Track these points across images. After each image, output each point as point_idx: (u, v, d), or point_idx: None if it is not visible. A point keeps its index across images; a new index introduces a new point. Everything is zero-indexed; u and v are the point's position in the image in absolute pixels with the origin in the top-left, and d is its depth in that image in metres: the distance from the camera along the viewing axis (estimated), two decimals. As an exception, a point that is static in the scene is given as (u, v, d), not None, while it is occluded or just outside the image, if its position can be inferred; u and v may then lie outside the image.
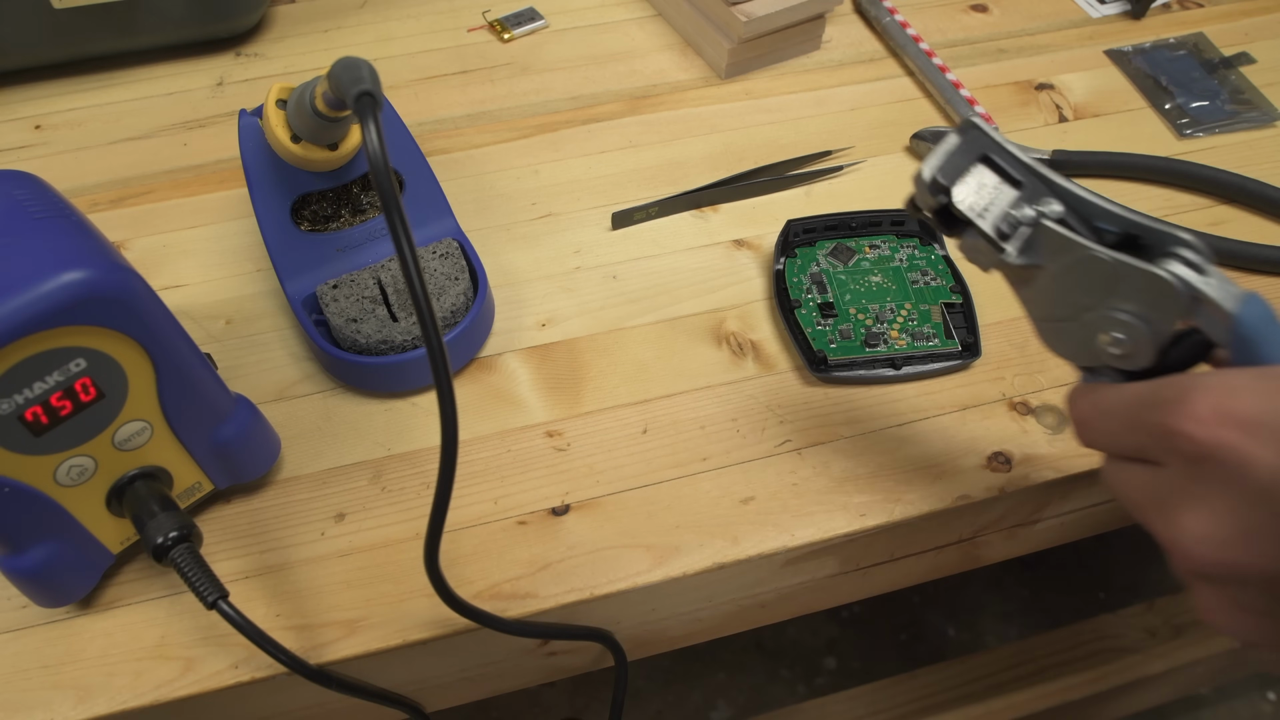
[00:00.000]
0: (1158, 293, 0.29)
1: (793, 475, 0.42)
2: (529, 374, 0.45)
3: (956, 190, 0.32)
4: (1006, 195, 0.32)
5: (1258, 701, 1.10)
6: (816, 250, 0.49)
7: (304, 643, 0.37)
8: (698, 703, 1.07)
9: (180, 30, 0.60)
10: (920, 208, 0.33)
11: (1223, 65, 0.61)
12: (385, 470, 0.42)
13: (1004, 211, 0.32)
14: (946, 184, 0.32)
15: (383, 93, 0.30)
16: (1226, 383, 0.26)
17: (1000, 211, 0.32)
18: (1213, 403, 0.26)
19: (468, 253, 0.46)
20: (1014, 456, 0.42)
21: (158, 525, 0.34)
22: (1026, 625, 1.14)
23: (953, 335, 0.45)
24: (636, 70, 0.61)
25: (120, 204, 0.53)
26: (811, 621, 1.13)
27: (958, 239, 0.33)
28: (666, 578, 0.39)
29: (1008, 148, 0.32)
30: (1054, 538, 0.47)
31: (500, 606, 0.38)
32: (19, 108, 0.58)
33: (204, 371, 0.36)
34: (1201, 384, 0.26)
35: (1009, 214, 0.32)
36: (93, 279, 0.30)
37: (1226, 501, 0.26)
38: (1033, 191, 0.32)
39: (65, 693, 0.36)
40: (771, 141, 0.56)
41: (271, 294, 0.48)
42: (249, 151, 0.42)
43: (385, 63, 0.61)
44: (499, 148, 0.56)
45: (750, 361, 0.46)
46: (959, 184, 0.32)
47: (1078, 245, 0.31)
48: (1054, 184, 0.32)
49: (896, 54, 0.62)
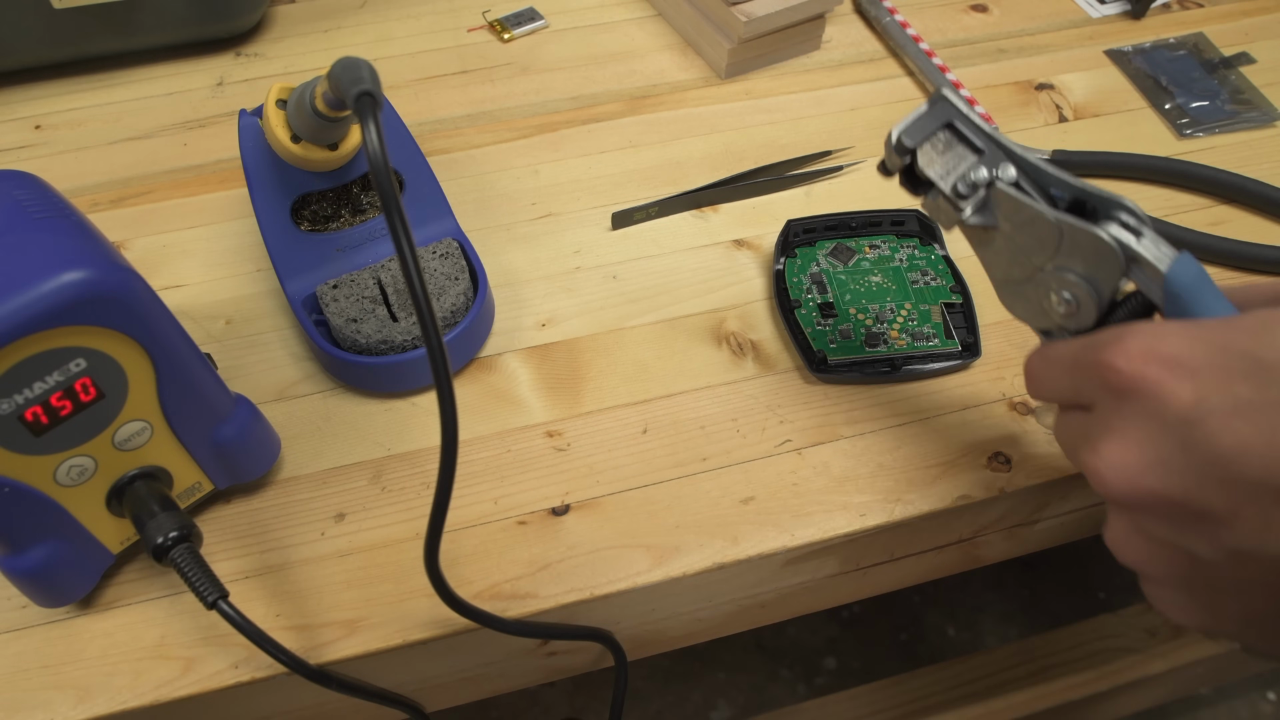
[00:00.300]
0: (1097, 252, 0.32)
1: (793, 475, 0.42)
2: (529, 374, 0.45)
3: (921, 153, 0.35)
4: (967, 160, 0.35)
5: (1258, 701, 1.10)
6: (816, 250, 0.49)
7: (304, 643, 0.37)
8: (698, 703, 1.08)
9: (180, 30, 0.60)
10: (890, 169, 0.36)
11: (1223, 65, 0.61)
12: (385, 470, 0.42)
13: (962, 174, 0.35)
14: (911, 146, 0.35)
15: (383, 93, 0.30)
16: (1157, 329, 0.29)
17: (959, 174, 0.35)
18: (1142, 343, 0.28)
19: (468, 253, 0.46)
20: (1014, 456, 0.42)
21: (158, 525, 0.34)
22: (1026, 625, 1.14)
23: (953, 335, 0.45)
24: (636, 70, 0.61)
25: (120, 204, 0.53)
26: (811, 621, 1.13)
27: (922, 198, 0.36)
28: (666, 578, 0.39)
29: (971, 117, 0.35)
30: (1054, 538, 0.47)
31: (500, 606, 0.38)
32: (19, 108, 0.58)
33: (204, 371, 0.36)
34: (1135, 328, 0.29)
35: (967, 176, 0.35)
36: (93, 279, 0.30)
37: (1144, 432, 0.28)
38: (991, 158, 0.35)
39: (65, 693, 0.36)
40: (771, 141, 0.56)
41: (271, 294, 0.48)
42: (249, 151, 0.42)
43: (385, 63, 0.61)
44: (499, 148, 0.56)
45: (750, 361, 0.46)
46: (924, 147, 0.35)
47: (1027, 206, 0.33)
48: (1010, 151, 0.35)
49: (896, 54, 0.62)
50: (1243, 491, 0.26)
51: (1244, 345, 0.27)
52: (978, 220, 0.35)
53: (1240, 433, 0.26)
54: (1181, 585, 0.30)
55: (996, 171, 0.34)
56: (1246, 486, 0.26)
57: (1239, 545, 0.27)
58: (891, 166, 0.36)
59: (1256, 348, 0.27)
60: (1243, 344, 0.27)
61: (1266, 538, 0.26)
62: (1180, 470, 0.27)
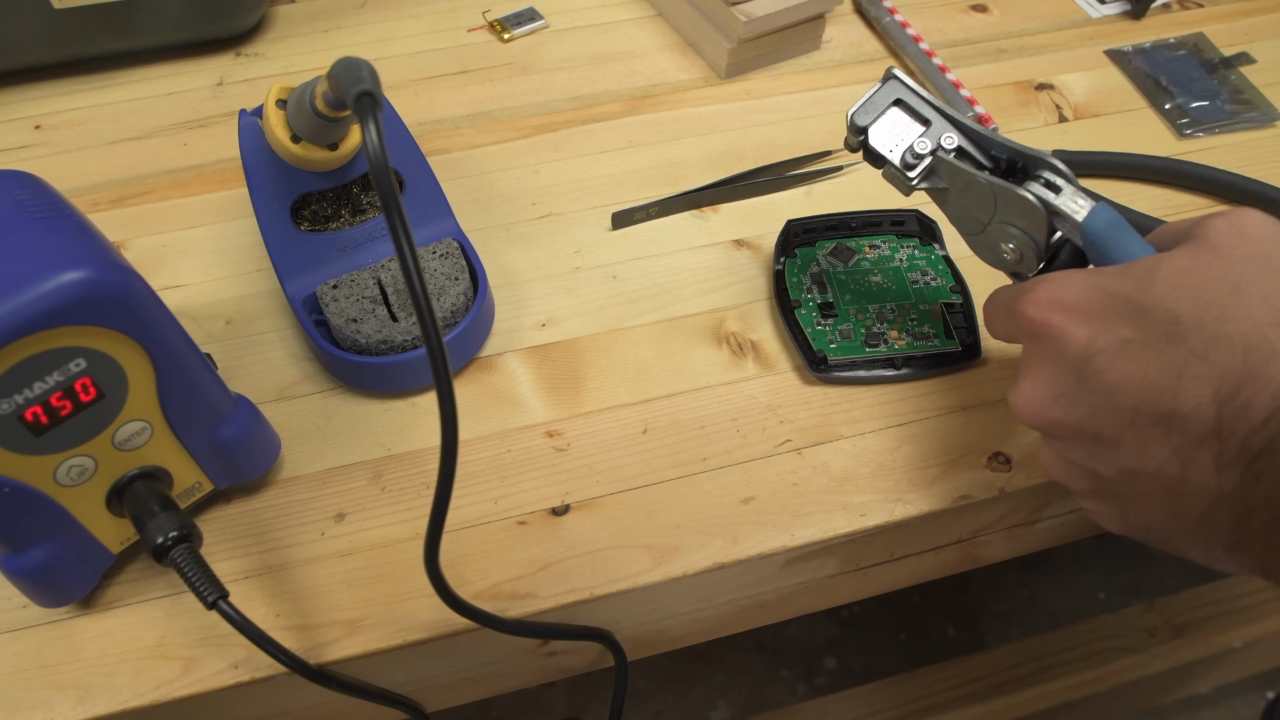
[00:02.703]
0: (1023, 208, 0.36)
1: (793, 475, 0.42)
2: (529, 374, 0.45)
3: (873, 130, 0.40)
4: (914, 132, 0.39)
5: (1257, 701, 1.10)
6: (816, 250, 0.49)
7: (304, 643, 0.37)
8: (698, 703, 1.08)
9: (180, 30, 0.60)
10: (851, 147, 0.41)
11: (1223, 65, 0.61)
12: (385, 470, 0.42)
13: (909, 146, 0.39)
14: (864, 125, 0.40)
15: (383, 93, 0.30)
16: (1064, 278, 0.32)
17: (906, 146, 0.39)
18: (1049, 292, 0.32)
19: (468, 253, 0.46)
20: (1014, 456, 0.42)
21: (158, 525, 0.34)
22: (1026, 625, 1.14)
23: (953, 335, 0.45)
24: (636, 70, 0.61)
25: (120, 204, 0.53)
26: (811, 621, 1.13)
27: (881, 170, 0.40)
28: (666, 578, 0.39)
29: (919, 93, 0.39)
30: (1054, 538, 0.47)
31: (500, 606, 0.38)
32: (19, 108, 0.58)
33: (204, 371, 0.36)
34: (1045, 279, 0.33)
35: (914, 148, 0.39)
36: (93, 279, 0.30)
37: (1050, 369, 0.32)
38: (936, 129, 0.39)
39: (65, 693, 0.36)
40: (771, 141, 0.56)
41: (271, 294, 0.48)
42: (249, 151, 0.42)
43: (385, 63, 0.61)
44: (499, 148, 0.56)
45: (750, 361, 0.46)
46: (876, 124, 0.40)
47: (964, 172, 0.38)
48: (954, 120, 0.39)
49: (896, 54, 0.62)
50: (1124, 419, 0.30)
51: (1127, 291, 0.30)
52: (926, 185, 0.40)
53: (1122, 369, 0.30)
54: (1096, 497, 0.34)
55: (940, 141, 0.39)
56: (1126, 414, 0.30)
57: (1124, 464, 0.31)
58: (850, 145, 0.40)
59: (1137, 293, 0.30)
60: (1126, 290, 0.31)
61: (1144, 457, 0.30)
62: (1077, 401, 0.31)
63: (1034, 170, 0.36)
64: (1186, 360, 0.29)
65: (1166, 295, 0.30)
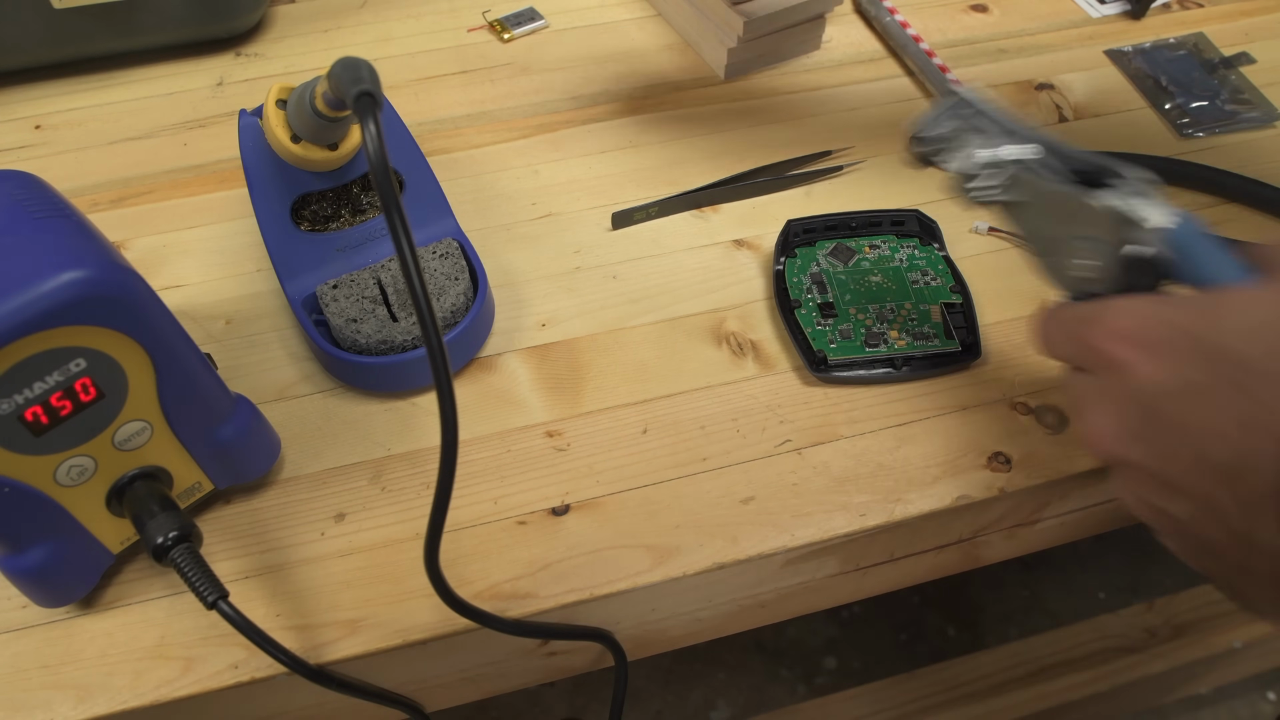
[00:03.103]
0: (1098, 217, 0.34)
1: (793, 475, 0.42)
2: (529, 374, 0.45)
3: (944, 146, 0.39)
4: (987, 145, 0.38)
5: (1257, 701, 1.10)
6: (816, 250, 0.49)
7: (304, 643, 0.37)
8: (698, 703, 1.08)
9: (180, 30, 0.60)
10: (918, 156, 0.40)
11: (1223, 65, 0.61)
12: (385, 470, 0.42)
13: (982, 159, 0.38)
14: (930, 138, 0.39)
15: (383, 93, 0.30)
16: (1133, 306, 0.30)
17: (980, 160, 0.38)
18: (1119, 321, 0.30)
19: (468, 253, 0.46)
20: (1014, 456, 0.42)
21: (158, 525, 0.34)
22: (1026, 625, 1.14)
23: (953, 335, 0.45)
24: (636, 70, 0.61)
25: (120, 204, 0.53)
26: (811, 621, 1.13)
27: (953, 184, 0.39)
28: (666, 578, 0.39)
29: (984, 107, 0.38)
30: (1054, 538, 0.47)
31: (500, 606, 0.38)
32: (19, 108, 0.58)
33: (204, 371, 0.36)
34: (1114, 305, 0.31)
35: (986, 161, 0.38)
36: (93, 279, 0.30)
37: (1118, 404, 0.30)
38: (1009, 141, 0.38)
39: (65, 693, 0.36)
40: (771, 141, 0.56)
41: (271, 294, 0.48)
42: (249, 151, 0.42)
43: (385, 63, 0.61)
44: (499, 148, 0.56)
45: (750, 361, 0.46)
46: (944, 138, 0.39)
47: (1041, 183, 0.36)
48: (1032, 134, 0.38)
49: (896, 54, 0.62)
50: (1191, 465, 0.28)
51: (1199, 329, 0.28)
52: (1007, 199, 0.38)
53: (1187, 414, 0.28)
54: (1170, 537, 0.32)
55: (1019, 155, 0.37)
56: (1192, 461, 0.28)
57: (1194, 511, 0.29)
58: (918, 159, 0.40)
59: (1209, 330, 0.28)
60: (1198, 327, 0.28)
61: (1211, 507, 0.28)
62: (1146, 440, 0.30)
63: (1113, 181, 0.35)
64: (1254, 411, 0.27)
65: (1237, 335, 0.28)
